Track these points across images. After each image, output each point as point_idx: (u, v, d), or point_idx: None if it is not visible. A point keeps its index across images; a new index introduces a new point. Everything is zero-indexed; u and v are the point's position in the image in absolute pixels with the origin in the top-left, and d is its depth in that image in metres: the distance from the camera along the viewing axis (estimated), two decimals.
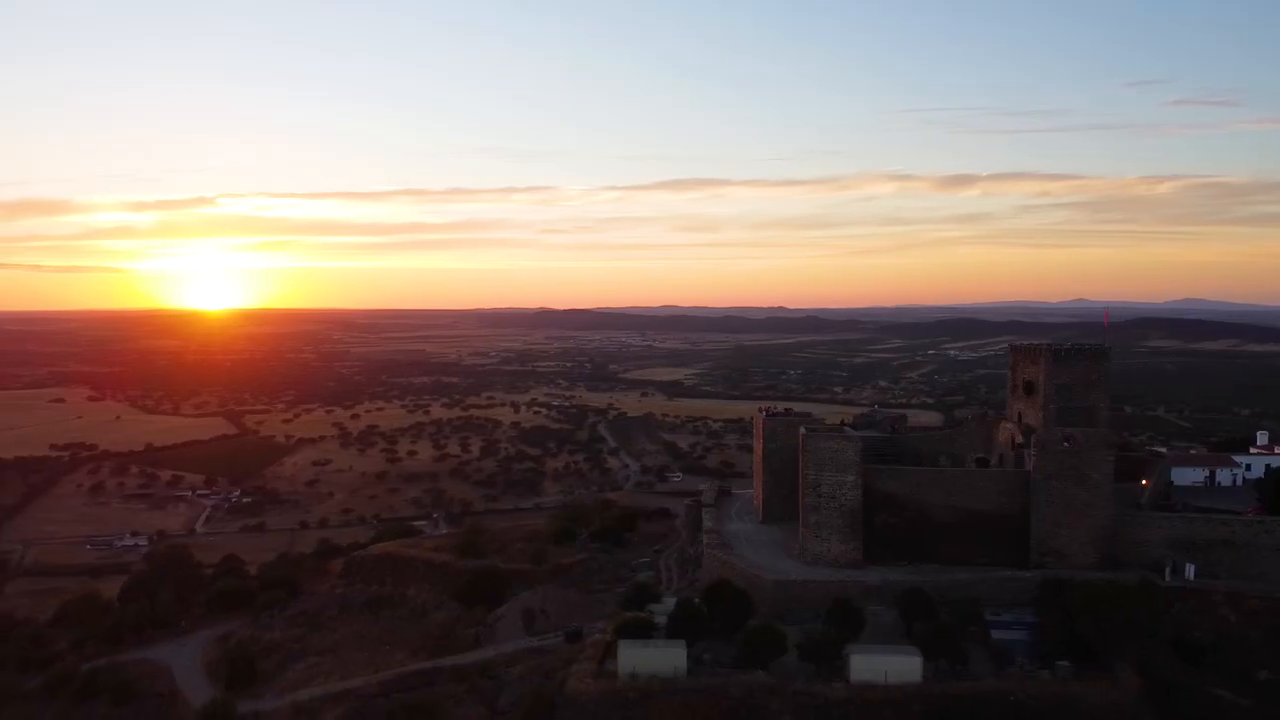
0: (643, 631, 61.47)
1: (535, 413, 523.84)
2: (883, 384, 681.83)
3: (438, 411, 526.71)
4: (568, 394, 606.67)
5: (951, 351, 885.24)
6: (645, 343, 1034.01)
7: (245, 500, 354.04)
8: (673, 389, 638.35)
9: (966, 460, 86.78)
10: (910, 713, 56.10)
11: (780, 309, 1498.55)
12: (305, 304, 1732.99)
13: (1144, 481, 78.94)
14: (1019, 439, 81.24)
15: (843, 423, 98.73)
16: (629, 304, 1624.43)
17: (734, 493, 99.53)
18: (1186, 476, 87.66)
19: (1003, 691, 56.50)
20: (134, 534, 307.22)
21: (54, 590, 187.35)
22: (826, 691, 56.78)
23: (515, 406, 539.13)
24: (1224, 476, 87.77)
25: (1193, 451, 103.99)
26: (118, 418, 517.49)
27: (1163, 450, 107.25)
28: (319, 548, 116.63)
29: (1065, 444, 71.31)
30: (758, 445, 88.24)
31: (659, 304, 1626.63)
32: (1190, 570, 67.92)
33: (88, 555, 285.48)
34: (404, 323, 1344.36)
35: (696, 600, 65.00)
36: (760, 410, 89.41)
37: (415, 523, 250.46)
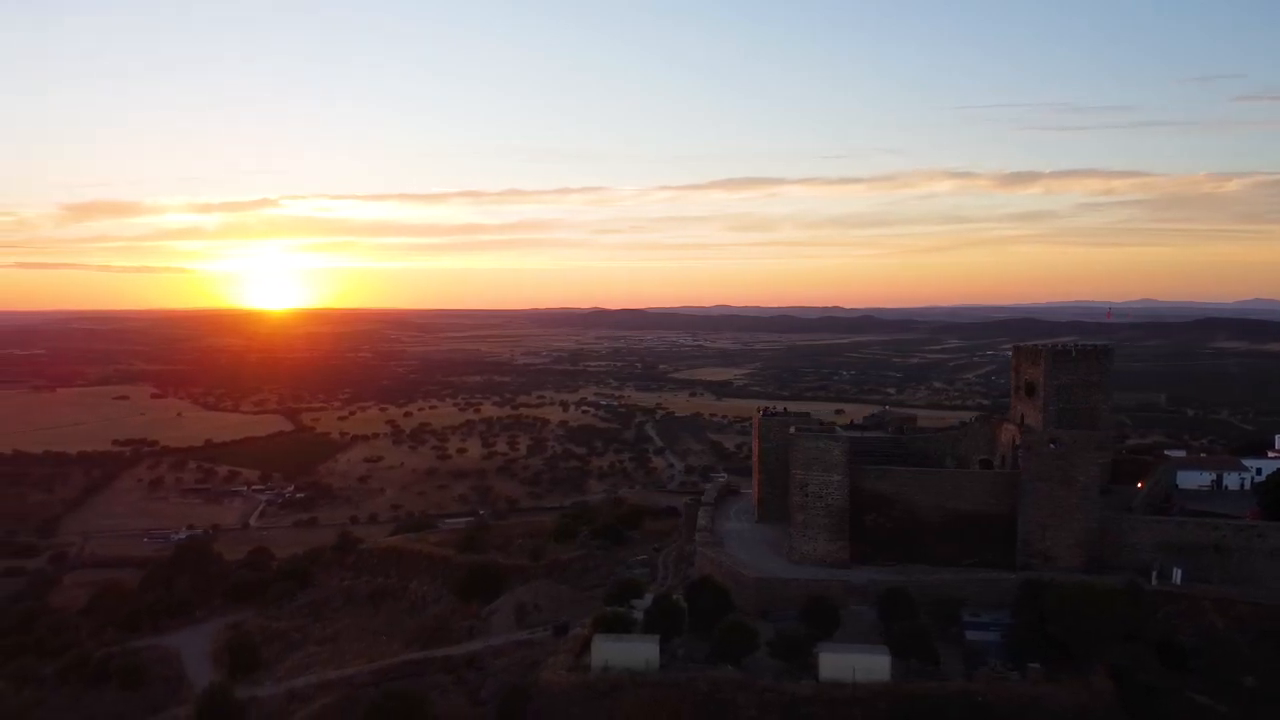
0: (620, 626, 62.65)
1: (583, 412, 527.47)
2: (937, 385, 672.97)
3: (488, 410, 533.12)
4: (617, 393, 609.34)
5: (1009, 352, 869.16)
6: (696, 343, 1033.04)
7: (299, 496, 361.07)
8: (722, 389, 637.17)
9: (970, 462, 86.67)
10: (876, 710, 56.50)
11: (835, 309, 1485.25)
12: (364, 304, 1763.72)
13: (1139, 484, 78.10)
14: (1019, 440, 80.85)
15: (851, 423, 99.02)
16: (681, 304, 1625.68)
17: (741, 492, 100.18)
18: (1193, 480, 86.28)
19: (969, 692, 56.57)
20: (190, 527, 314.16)
21: (109, 582, 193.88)
22: (793, 688, 57.38)
23: (564, 405, 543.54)
24: (1231, 480, 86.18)
25: (1203, 455, 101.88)
26: (179, 414, 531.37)
27: (1183, 453, 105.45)
28: (339, 541, 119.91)
29: (1052, 445, 70.91)
30: (755, 445, 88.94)
31: (711, 304, 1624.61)
32: (1177, 574, 67.16)
33: (144, 548, 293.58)
34: (459, 322, 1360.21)
35: (675, 596, 66.02)
36: (758, 410, 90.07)
37: (460, 519, 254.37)
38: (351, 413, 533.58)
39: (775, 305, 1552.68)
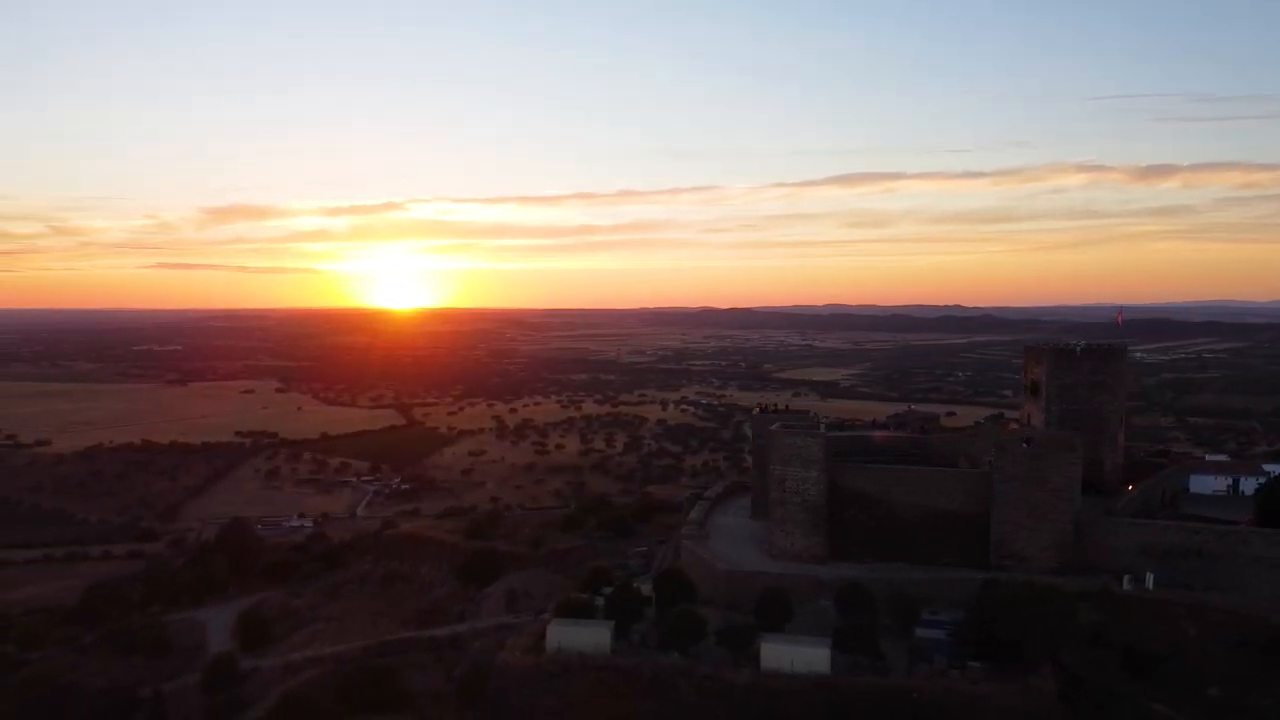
0: (582, 612, 65.19)
1: (682, 410, 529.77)
2: None
3: (589, 407, 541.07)
4: (718, 393, 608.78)
5: (1138, 354, 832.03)
6: (805, 342, 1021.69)
7: (404, 487, 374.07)
8: (827, 389, 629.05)
9: (981, 462, 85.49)
10: (812, 701, 57.46)
11: (955, 307, 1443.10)
12: (482, 303, 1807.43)
13: (1130, 487, 75.90)
14: None
15: (875, 422, 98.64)
16: (793, 303, 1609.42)
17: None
18: (1207, 485, 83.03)
19: (906, 688, 56.94)
20: (301, 516, 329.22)
21: (161, 559, 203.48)
22: (732, 676, 58.89)
23: (664, 404, 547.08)
24: (1249, 485, 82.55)
25: (1220, 459, 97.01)
26: (299, 408, 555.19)
27: (1224, 457, 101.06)
28: (382, 527, 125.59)
29: (1025, 446, 69.84)
30: (754, 443, 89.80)
31: (824, 302, 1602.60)
32: (1150, 579, 65.37)
33: (260, 535, 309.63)
34: (571, 321, 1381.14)
35: (636, 585, 68.05)
36: (757, 407, 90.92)
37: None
38: (461, 408, 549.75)
39: (891, 304, 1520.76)
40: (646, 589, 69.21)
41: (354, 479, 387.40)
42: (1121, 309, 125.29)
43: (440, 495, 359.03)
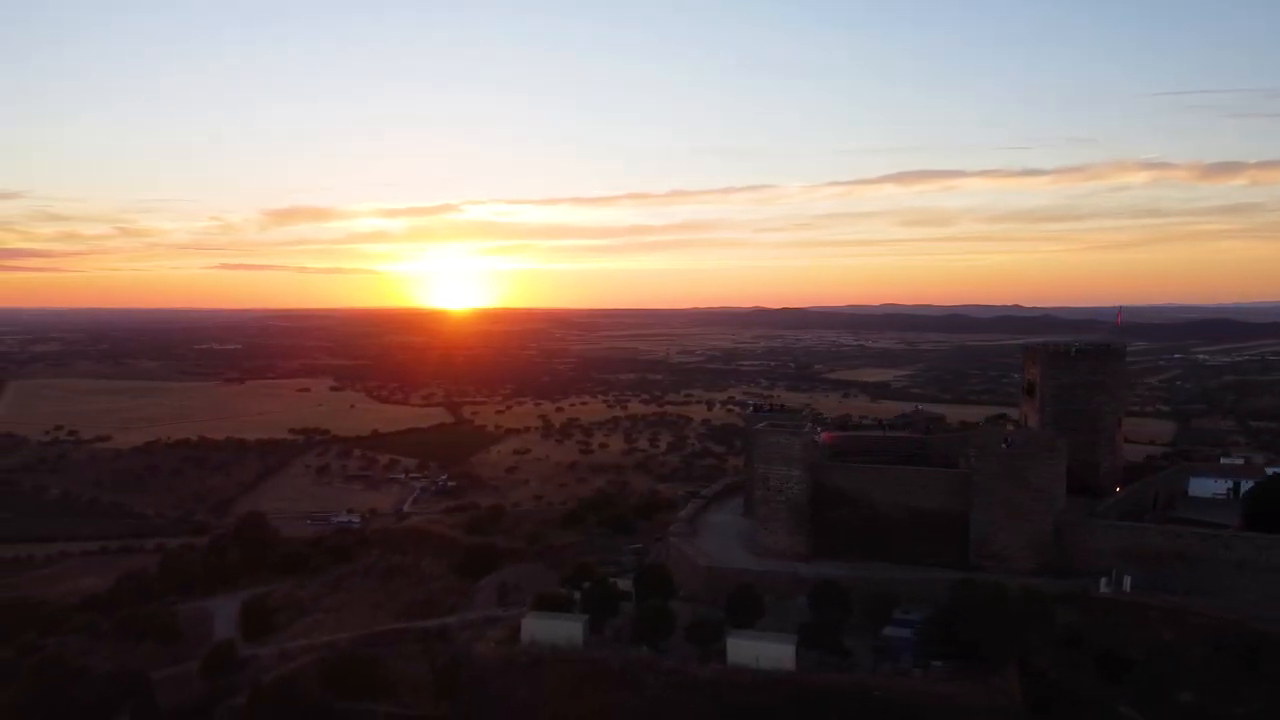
0: (559, 606, 66.53)
1: (728, 411, 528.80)
2: None
3: (635, 407, 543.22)
4: (766, 393, 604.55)
5: (1201, 356, 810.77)
6: (857, 343, 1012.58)
7: (450, 484, 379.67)
8: (878, 390, 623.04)
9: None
10: (775, 697, 58.00)
11: (1014, 307, 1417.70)
12: (535, 303, 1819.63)
13: (1117, 489, 74.89)
14: None
15: (880, 422, 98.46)
16: (846, 302, 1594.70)
17: None
18: (1207, 488, 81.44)
19: (867, 686, 57.21)
20: (349, 511, 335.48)
21: (180, 550, 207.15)
22: (697, 670, 59.77)
23: (710, 404, 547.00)
24: (1249, 488, 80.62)
25: (1236, 461, 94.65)
26: (352, 406, 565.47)
27: (1242, 460, 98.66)
28: (396, 522, 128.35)
29: (1004, 445, 69.43)
30: (746, 442, 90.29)
31: (879, 302, 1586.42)
32: (1126, 582, 64.60)
33: (306, 530, 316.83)
34: (622, 321, 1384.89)
35: (612, 580, 69.13)
36: (749, 406, 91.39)
37: None
38: (509, 407, 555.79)
39: (948, 304, 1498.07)
40: (625, 584, 70.30)
41: (402, 475, 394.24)
42: (1121, 309, 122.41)
43: (485, 492, 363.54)
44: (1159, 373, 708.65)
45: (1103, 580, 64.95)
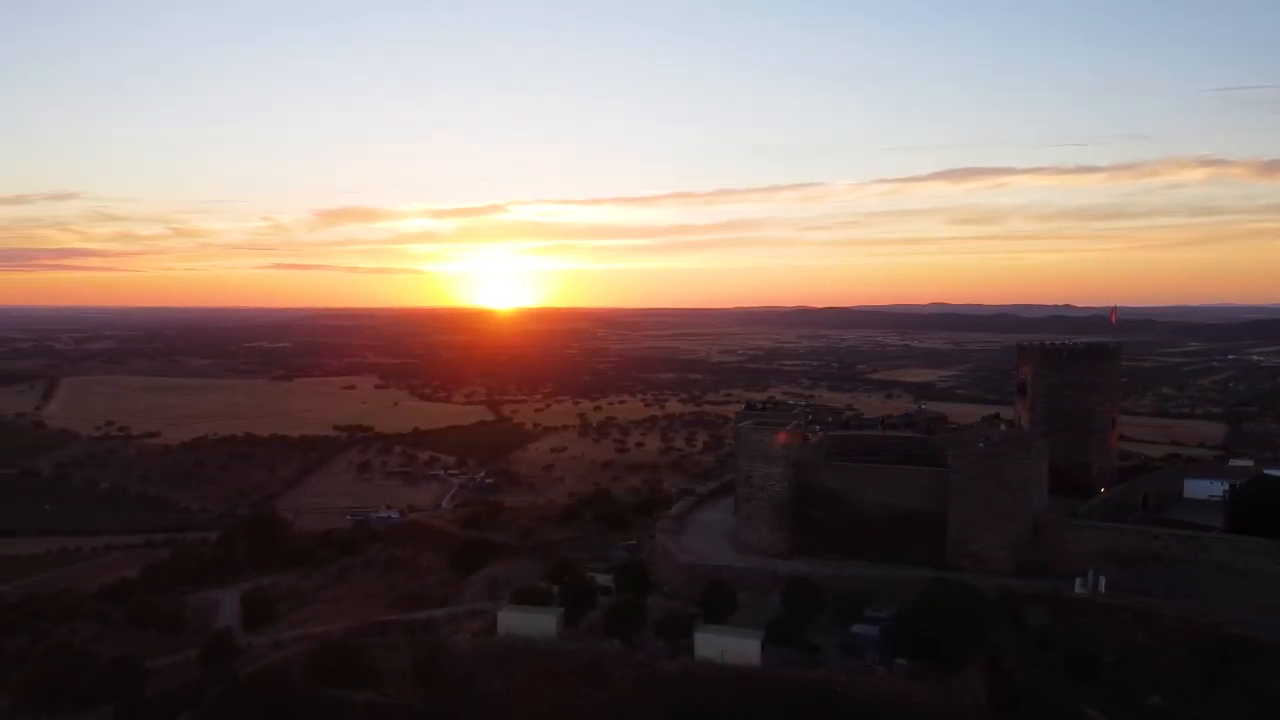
0: (537, 600, 67.79)
1: (767, 411, 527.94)
2: (1165, 391, 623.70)
3: (673, 406, 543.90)
4: (807, 393, 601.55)
5: (1255, 356, 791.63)
6: (903, 342, 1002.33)
7: (488, 481, 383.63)
8: (922, 391, 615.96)
9: None
10: (739, 691, 58.62)
11: (1065, 307, 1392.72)
12: (579, 303, 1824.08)
13: (1102, 490, 74.15)
14: None
15: (883, 421, 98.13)
16: (893, 301, 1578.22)
17: None
18: (1203, 490, 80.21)
19: (829, 682, 57.54)
20: (388, 507, 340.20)
21: (193, 542, 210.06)
22: (664, 664, 60.55)
23: (749, 404, 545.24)
24: None
25: (1245, 463, 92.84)
26: (395, 404, 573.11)
27: (1250, 462, 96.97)
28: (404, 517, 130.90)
29: (982, 444, 69.18)
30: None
31: (927, 301, 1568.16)
32: (1101, 583, 64.11)
33: (345, 525, 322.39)
34: (664, 321, 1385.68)
35: (590, 575, 70.19)
36: (743, 405, 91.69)
37: None
38: (548, 405, 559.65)
39: (997, 303, 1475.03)
40: (604, 579, 71.38)
41: (441, 472, 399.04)
42: (1115, 308, 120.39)
43: (521, 489, 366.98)
44: (1212, 374, 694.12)
45: (1077, 581, 64.55)
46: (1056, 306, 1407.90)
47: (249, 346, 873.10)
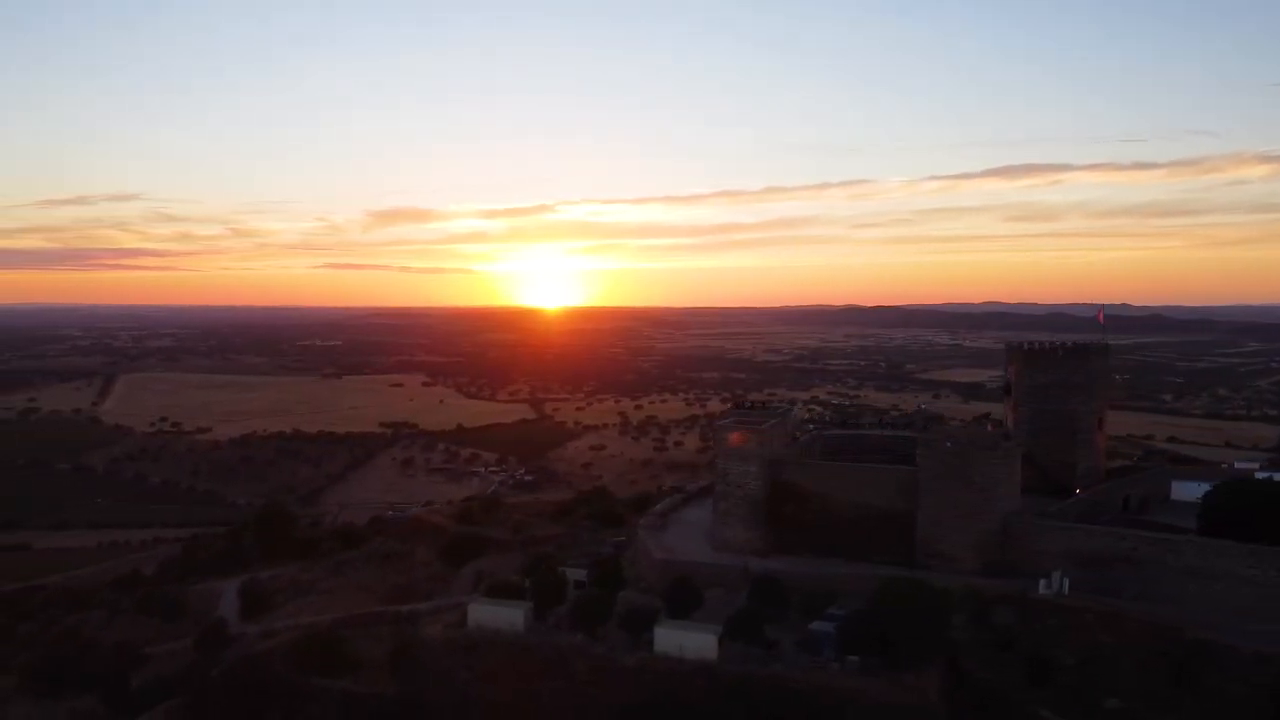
0: (509, 593, 69.29)
1: (809, 410, 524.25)
2: (1222, 393, 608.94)
3: (715, 406, 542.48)
4: (852, 393, 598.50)
5: None
6: (954, 342, 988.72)
7: (527, 478, 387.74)
8: (970, 391, 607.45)
9: None
10: (693, 685, 59.48)
11: (1122, 306, 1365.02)
12: (626, 302, 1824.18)
13: (1077, 490, 73.47)
14: None
15: (882, 420, 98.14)
16: (946, 300, 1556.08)
17: None
18: (1190, 491, 78.91)
19: (781, 677, 58.09)
20: (426, 503, 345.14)
21: (201, 535, 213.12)
22: (623, 658, 61.60)
23: (791, 404, 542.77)
24: None
25: (1251, 465, 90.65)
26: (441, 401, 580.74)
27: (1257, 465, 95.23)
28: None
29: (949, 444, 69.02)
30: None
31: (980, 300, 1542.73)
32: (1065, 584, 63.72)
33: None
34: (710, 319, 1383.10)
35: (562, 570, 71.47)
36: (732, 404, 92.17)
37: None
38: (590, 404, 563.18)
39: (1052, 302, 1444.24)
40: (579, 575, 72.67)
41: (482, 469, 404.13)
42: (1102, 307, 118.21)
43: (559, 486, 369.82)
44: (1271, 375, 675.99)
45: (1042, 582, 64.23)
46: (1113, 305, 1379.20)
47: (302, 345, 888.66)
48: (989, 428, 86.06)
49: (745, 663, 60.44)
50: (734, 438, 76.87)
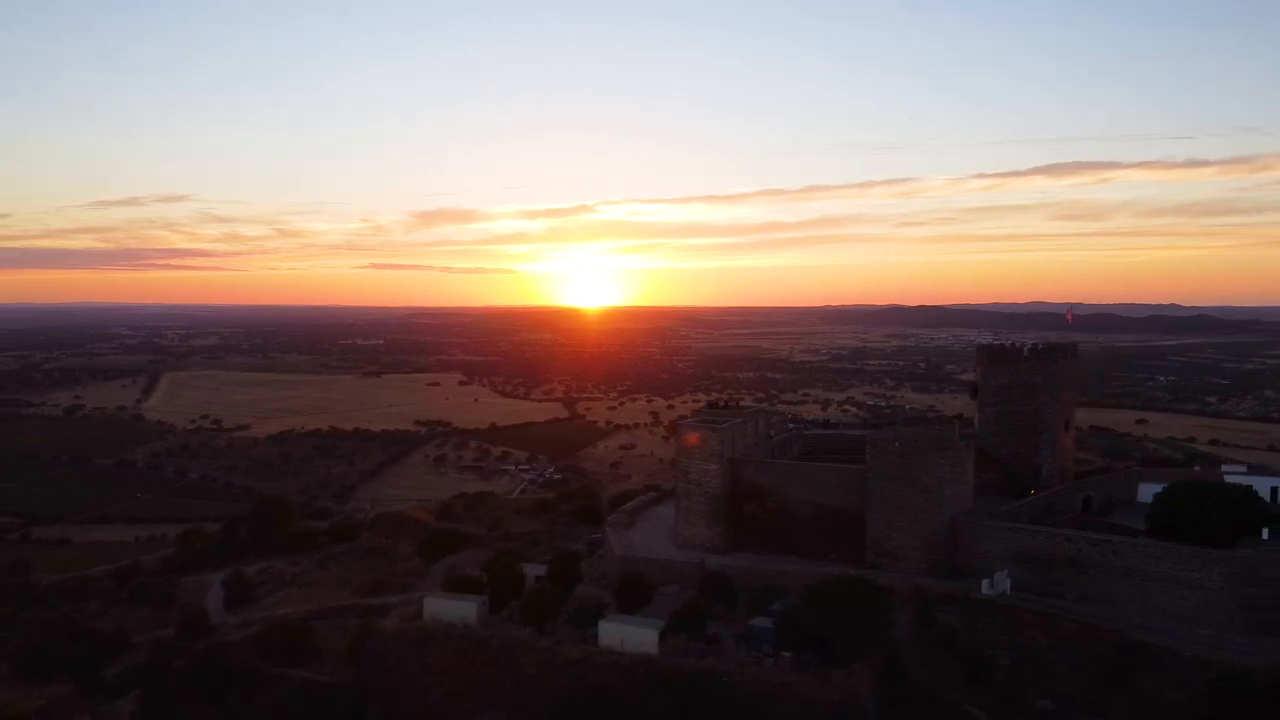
0: (469, 588, 71.08)
1: (844, 411, 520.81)
2: (1269, 394, 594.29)
3: (747, 406, 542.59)
4: (890, 394, 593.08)
5: None
6: (996, 342, 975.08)
7: (556, 476, 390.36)
8: None
9: None
10: (634, 677, 60.75)
11: (1170, 306, 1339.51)
12: (664, 302, 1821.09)
13: (1031, 491, 73.42)
14: None
15: (867, 423, 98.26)
16: (990, 300, 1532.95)
17: None
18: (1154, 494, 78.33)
19: (716, 672, 59.14)
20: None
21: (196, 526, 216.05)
22: (567, 651, 63.12)
23: (825, 404, 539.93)
24: None
25: (1238, 468, 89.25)
26: (475, 400, 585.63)
27: (1243, 468, 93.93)
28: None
29: (897, 444, 69.41)
30: None
31: (1025, 300, 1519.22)
32: (1006, 584, 63.94)
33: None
34: (749, 319, 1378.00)
35: (518, 566, 73.07)
36: (703, 405, 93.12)
37: None
38: (622, 403, 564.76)
39: (1099, 302, 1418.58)
40: (538, 570, 74.27)
41: (512, 467, 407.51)
42: (1072, 307, 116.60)
43: (588, 485, 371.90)
44: None
45: (984, 582, 64.53)
46: (1161, 306, 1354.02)
47: (343, 344, 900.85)
48: (960, 429, 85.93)
49: (685, 657, 61.72)
50: (693, 437, 77.97)
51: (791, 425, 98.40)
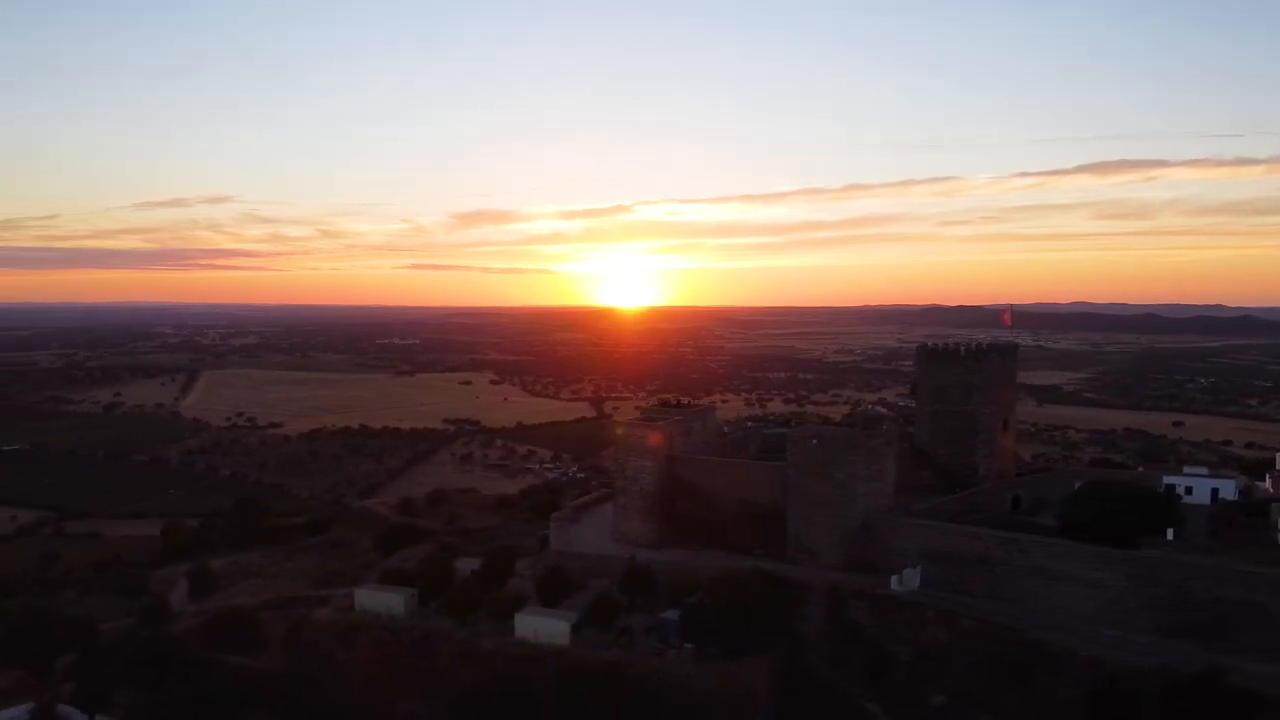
0: (402, 581, 73.43)
1: (882, 408, 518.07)
2: None
3: (775, 406, 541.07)
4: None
5: None
6: (1036, 343, 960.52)
7: (579, 475, 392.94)
8: (1045, 394, 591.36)
9: None
10: (544, 668, 62.60)
11: (1216, 307, 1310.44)
12: (701, 302, 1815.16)
13: (959, 490, 73.92)
14: None
15: (843, 420, 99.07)
16: (1033, 300, 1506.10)
17: None
18: None
19: (620, 663, 60.72)
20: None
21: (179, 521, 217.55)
22: (480, 641, 65.19)
23: (855, 405, 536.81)
24: None
25: (1200, 470, 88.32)
26: (505, 399, 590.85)
27: (1204, 470, 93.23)
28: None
29: (814, 441, 70.35)
30: None
31: (1068, 300, 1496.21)
32: (914, 581, 64.66)
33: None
34: (784, 319, 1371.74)
35: (452, 560, 75.18)
36: (658, 404, 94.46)
37: None
38: (650, 403, 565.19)
39: (1143, 303, 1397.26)
40: (473, 564, 76.33)
41: (536, 465, 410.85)
42: (1009, 307, 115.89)
43: (608, 483, 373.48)
44: None
45: (894, 578, 65.32)
46: (1206, 306, 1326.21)
47: (380, 343, 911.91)
48: (900, 429, 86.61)
49: (594, 648, 63.36)
50: (630, 435, 79.54)
51: (750, 424, 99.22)
